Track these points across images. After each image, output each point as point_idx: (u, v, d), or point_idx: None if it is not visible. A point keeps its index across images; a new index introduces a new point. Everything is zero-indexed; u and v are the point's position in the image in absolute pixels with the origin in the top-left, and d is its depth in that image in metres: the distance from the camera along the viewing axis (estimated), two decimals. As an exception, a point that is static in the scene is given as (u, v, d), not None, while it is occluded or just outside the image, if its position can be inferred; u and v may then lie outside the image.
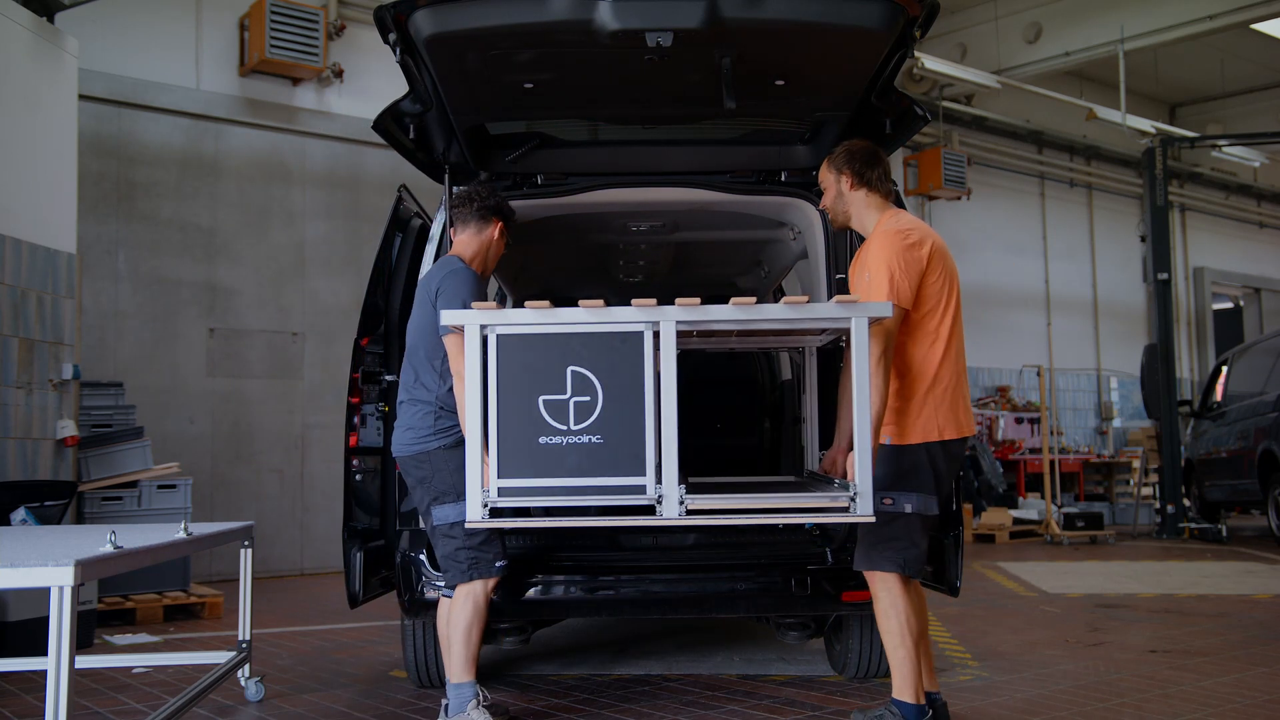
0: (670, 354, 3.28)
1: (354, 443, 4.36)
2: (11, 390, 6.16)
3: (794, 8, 3.56)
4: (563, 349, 3.28)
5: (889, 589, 3.68)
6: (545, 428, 3.26)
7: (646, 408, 3.26)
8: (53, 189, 6.65)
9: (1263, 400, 11.26)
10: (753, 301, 3.37)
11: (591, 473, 3.24)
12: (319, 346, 9.44)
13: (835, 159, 3.87)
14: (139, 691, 4.66)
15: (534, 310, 3.31)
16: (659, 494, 3.24)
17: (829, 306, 3.40)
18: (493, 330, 3.30)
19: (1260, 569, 9.22)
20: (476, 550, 3.80)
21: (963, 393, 3.72)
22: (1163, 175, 12.78)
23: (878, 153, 3.90)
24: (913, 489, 3.63)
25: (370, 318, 4.53)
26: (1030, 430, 14.37)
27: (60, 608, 2.64)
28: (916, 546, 3.64)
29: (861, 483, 3.26)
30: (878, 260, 3.64)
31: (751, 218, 4.96)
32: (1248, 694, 4.42)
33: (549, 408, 3.27)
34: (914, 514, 3.62)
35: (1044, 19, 13.03)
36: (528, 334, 3.31)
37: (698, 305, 3.32)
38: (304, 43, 8.97)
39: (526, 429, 3.26)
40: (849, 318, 3.31)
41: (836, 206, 3.90)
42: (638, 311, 3.30)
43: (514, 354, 3.29)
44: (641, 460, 3.25)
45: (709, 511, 3.35)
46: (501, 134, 4.58)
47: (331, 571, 8.81)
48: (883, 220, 3.79)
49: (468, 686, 3.78)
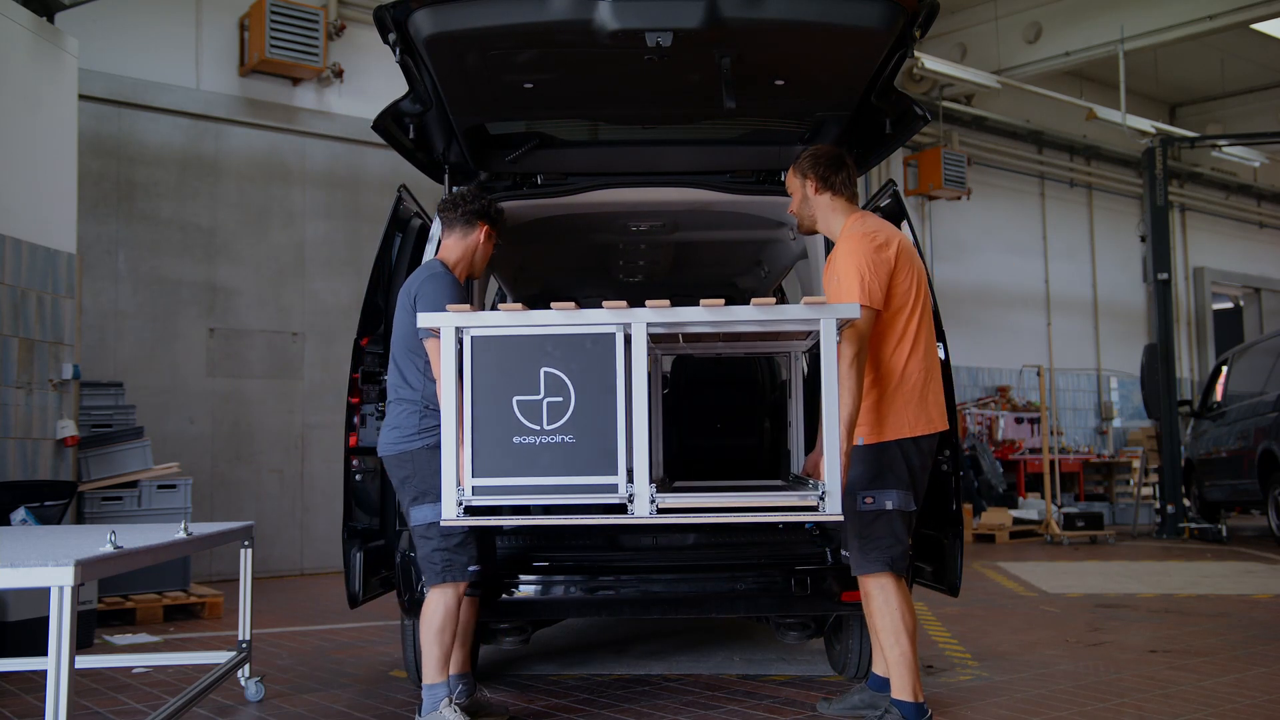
0: (641, 355, 3.31)
1: (354, 443, 4.36)
2: (11, 390, 6.16)
3: (793, 8, 3.56)
4: (536, 350, 3.32)
5: (882, 588, 3.73)
6: (519, 428, 3.31)
7: (618, 408, 3.29)
8: (53, 189, 6.65)
9: (1263, 400, 11.26)
10: (721, 303, 3.39)
11: (564, 472, 3.29)
12: (319, 346, 9.44)
13: (800, 164, 3.96)
14: (139, 691, 4.66)
15: (507, 313, 3.36)
16: (630, 493, 3.27)
17: (798, 308, 3.44)
18: (468, 332, 3.34)
19: (1260, 569, 9.22)
20: (451, 553, 3.82)
21: (933, 389, 3.81)
22: (1163, 175, 12.78)
23: (843, 157, 3.97)
24: (890, 486, 3.70)
25: (370, 318, 4.53)
26: (1030, 430, 14.37)
27: (60, 608, 2.64)
28: (901, 543, 3.72)
29: (830, 482, 3.29)
30: (846, 263, 3.71)
31: (751, 218, 4.96)
32: (1248, 694, 4.42)
33: (522, 408, 3.31)
34: (895, 510, 3.69)
35: (1044, 19, 13.04)
36: (501, 335, 3.35)
37: (667, 307, 3.35)
38: (304, 43, 8.98)
39: (501, 429, 3.31)
40: (818, 319, 3.35)
41: (802, 211, 3.99)
42: (609, 314, 3.34)
43: (488, 355, 3.33)
44: (613, 459, 3.28)
45: (680, 510, 3.39)
46: (501, 134, 4.58)
47: (331, 571, 8.82)
48: (848, 223, 3.88)
49: (440, 687, 3.80)
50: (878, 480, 3.71)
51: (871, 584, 3.76)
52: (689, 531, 4.45)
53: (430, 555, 3.83)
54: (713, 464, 5.96)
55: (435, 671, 3.81)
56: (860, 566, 3.77)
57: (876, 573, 3.73)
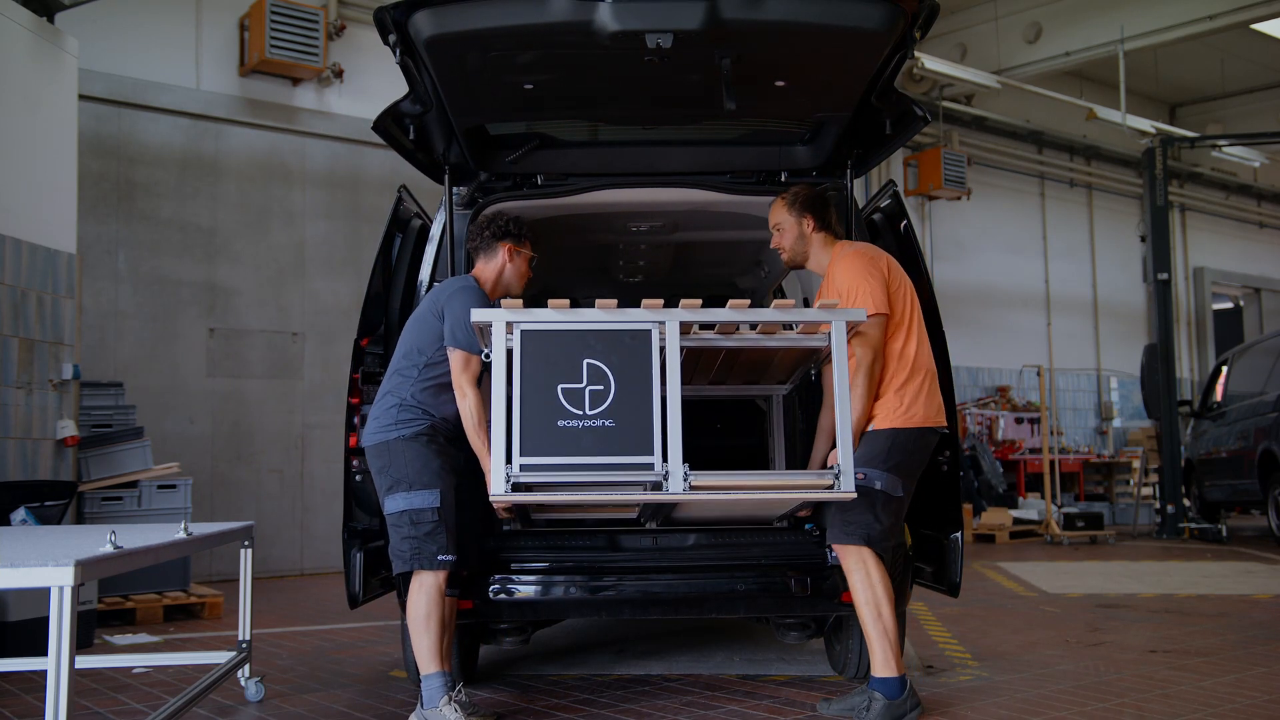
0: (675, 348, 3.59)
1: (354, 443, 4.36)
2: (11, 390, 6.16)
3: (794, 9, 3.57)
4: (580, 343, 3.60)
5: (862, 562, 3.92)
6: (564, 412, 3.55)
7: (654, 395, 3.56)
8: (53, 189, 6.65)
9: (1263, 400, 11.26)
10: (747, 304, 3.71)
11: (605, 452, 3.53)
12: (319, 346, 9.44)
13: (796, 205, 4.25)
14: (139, 691, 4.66)
15: (555, 309, 3.62)
16: (665, 470, 3.50)
17: (813, 311, 3.83)
18: (518, 326, 3.59)
19: (1260, 569, 9.22)
20: (420, 541, 3.87)
21: (927, 388, 4.05)
22: (1163, 175, 12.78)
23: (827, 196, 4.39)
24: (879, 467, 3.92)
25: (370, 318, 4.53)
26: (1030, 430, 14.38)
27: (60, 608, 2.64)
28: (880, 523, 3.91)
29: (844, 461, 3.58)
30: (849, 279, 4.03)
31: (751, 218, 4.96)
32: (1247, 694, 4.42)
33: (567, 395, 3.56)
34: (880, 491, 3.90)
35: (1044, 19, 13.04)
36: (549, 329, 3.62)
37: (699, 306, 3.66)
38: (304, 43, 8.98)
39: (547, 413, 3.55)
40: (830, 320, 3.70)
41: (797, 248, 4.29)
42: (647, 312, 3.63)
43: (536, 347, 3.60)
44: (650, 441, 3.53)
45: (710, 488, 3.59)
46: (501, 134, 4.58)
47: (331, 571, 8.82)
48: (837, 250, 4.21)
49: (436, 676, 3.83)
50: (872, 461, 3.92)
51: (851, 559, 3.94)
52: (689, 532, 4.45)
53: (399, 544, 3.91)
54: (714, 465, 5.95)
55: (428, 661, 3.84)
56: (836, 536, 3.97)
57: (853, 544, 3.91)
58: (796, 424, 5.02)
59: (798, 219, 4.23)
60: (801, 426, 4.94)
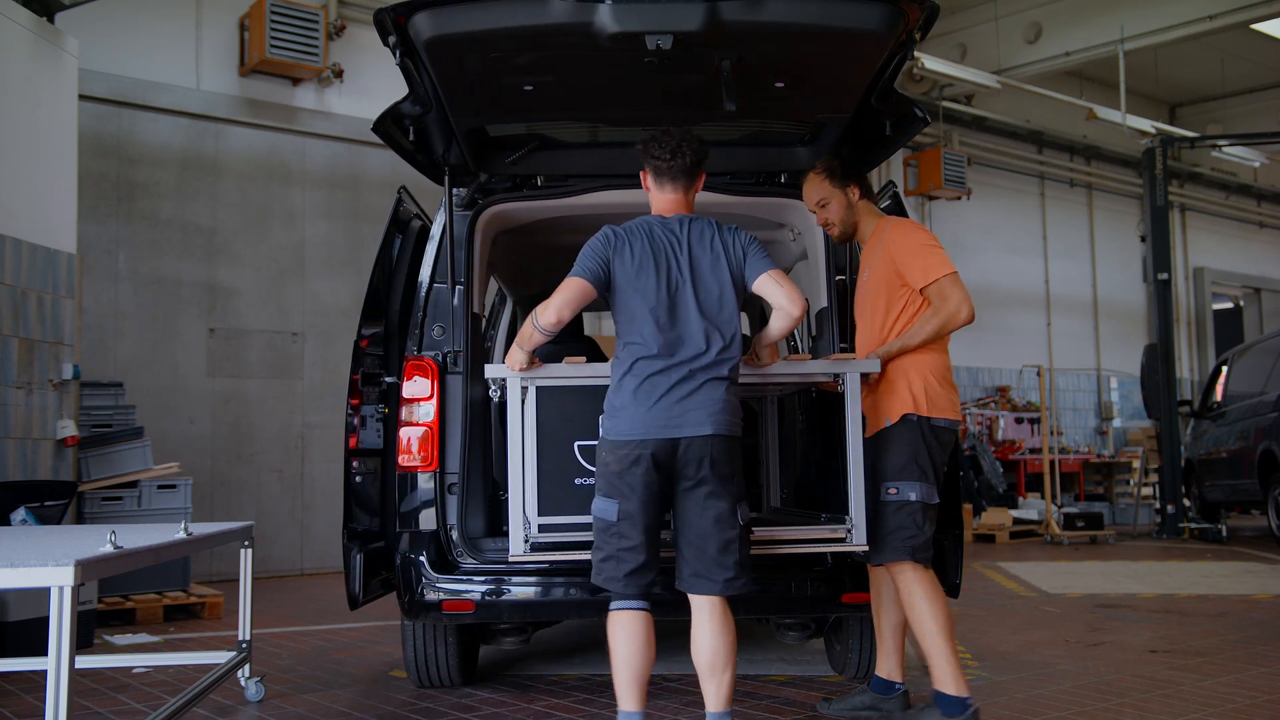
0: None
1: (354, 444, 4.36)
2: (11, 390, 6.16)
3: (794, 10, 3.56)
4: (594, 399, 3.57)
5: (905, 580, 3.76)
6: (579, 470, 3.62)
7: None
8: (53, 189, 6.65)
9: (1263, 400, 11.26)
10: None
11: None
12: (319, 346, 9.44)
13: (836, 175, 4.10)
14: (139, 691, 4.66)
15: (570, 365, 3.66)
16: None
17: (824, 363, 3.95)
18: (532, 384, 3.62)
19: (1260, 569, 9.22)
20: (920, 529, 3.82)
21: (948, 382, 3.95)
22: (1163, 175, 12.78)
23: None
24: (915, 478, 3.76)
25: (370, 319, 4.52)
26: (1030, 430, 14.38)
27: (60, 608, 2.64)
28: (924, 534, 3.76)
29: (856, 515, 3.66)
30: (917, 245, 3.92)
31: (751, 219, 4.95)
32: (1248, 694, 4.42)
33: (583, 451, 3.63)
34: (919, 503, 3.76)
35: (1044, 19, 13.04)
36: (563, 386, 3.67)
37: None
38: (304, 43, 8.98)
39: (563, 471, 3.62)
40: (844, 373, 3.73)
41: (847, 219, 4.13)
42: None
43: (551, 404, 3.65)
44: None
45: None
46: (501, 136, 4.58)
47: (331, 571, 8.82)
48: (883, 221, 4.12)
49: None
50: (904, 472, 3.77)
51: (897, 577, 3.78)
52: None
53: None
54: None
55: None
56: (878, 556, 3.79)
57: (896, 561, 3.75)
58: (796, 424, 5.01)
59: (843, 190, 4.09)
60: (801, 427, 4.93)
